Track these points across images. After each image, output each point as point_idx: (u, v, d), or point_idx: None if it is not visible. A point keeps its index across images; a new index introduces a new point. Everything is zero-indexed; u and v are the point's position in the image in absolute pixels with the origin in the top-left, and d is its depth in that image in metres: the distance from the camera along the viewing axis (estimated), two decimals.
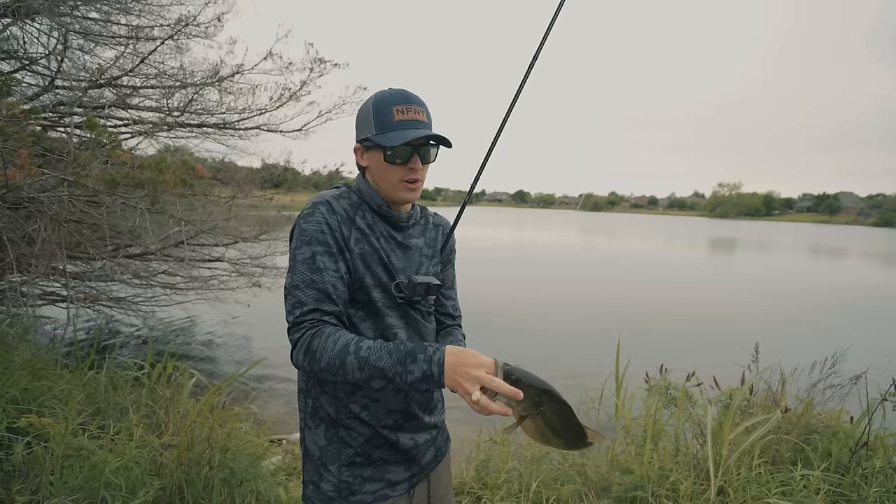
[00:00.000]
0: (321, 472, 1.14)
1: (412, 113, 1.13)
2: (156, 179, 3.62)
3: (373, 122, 1.13)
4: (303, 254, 1.08)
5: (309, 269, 1.07)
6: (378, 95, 1.15)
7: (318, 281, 1.07)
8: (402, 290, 1.17)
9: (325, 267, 1.08)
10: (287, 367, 6.23)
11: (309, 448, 1.18)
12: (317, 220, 1.10)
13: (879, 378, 2.48)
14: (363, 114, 1.17)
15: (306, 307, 1.05)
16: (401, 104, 1.13)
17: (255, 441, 2.81)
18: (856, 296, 13.84)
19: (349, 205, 1.16)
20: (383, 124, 1.12)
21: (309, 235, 1.09)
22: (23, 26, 4.11)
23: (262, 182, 7.23)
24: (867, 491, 2.13)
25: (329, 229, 1.10)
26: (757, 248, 33.75)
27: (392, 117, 1.12)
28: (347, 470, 1.13)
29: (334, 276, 1.08)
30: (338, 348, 1.00)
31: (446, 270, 1.34)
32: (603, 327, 8.91)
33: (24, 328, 3.39)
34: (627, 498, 2.33)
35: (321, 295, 1.06)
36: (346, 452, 1.14)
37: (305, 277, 1.07)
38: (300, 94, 5.38)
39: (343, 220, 1.13)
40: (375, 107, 1.14)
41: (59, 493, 1.90)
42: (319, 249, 1.08)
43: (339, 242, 1.11)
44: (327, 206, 1.12)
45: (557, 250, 23.66)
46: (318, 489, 1.14)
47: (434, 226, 1.33)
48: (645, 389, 3.04)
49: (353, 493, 1.13)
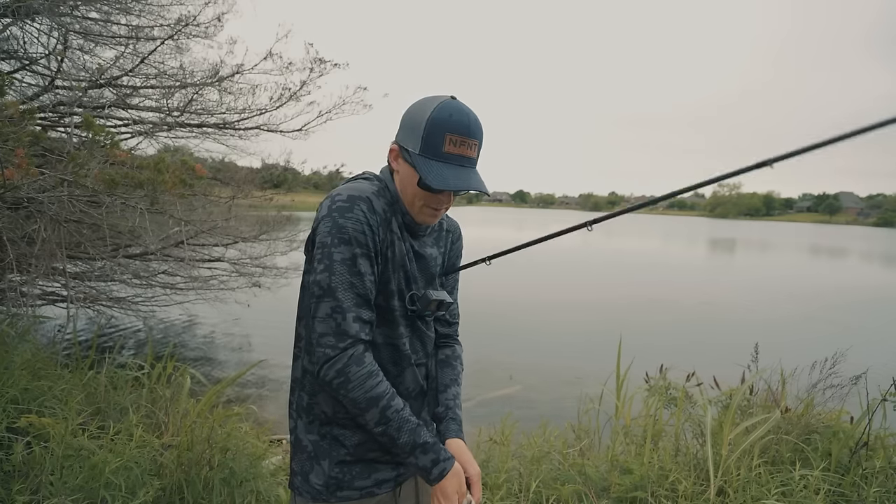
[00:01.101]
0: (312, 464, 1.14)
1: (464, 148, 1.05)
2: (155, 179, 3.61)
3: (421, 139, 1.05)
4: (341, 253, 1.02)
5: (349, 271, 1.03)
6: (436, 113, 1.04)
7: (357, 285, 1.03)
8: (414, 303, 1.17)
9: (364, 271, 1.04)
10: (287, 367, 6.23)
11: (301, 439, 1.16)
12: (357, 218, 1.03)
13: (879, 378, 2.48)
14: (413, 122, 1.07)
15: (348, 316, 1.02)
16: (456, 135, 1.04)
17: (255, 441, 2.81)
18: (856, 296, 13.84)
19: (387, 204, 1.11)
20: (431, 149, 1.04)
21: (349, 235, 1.03)
22: (23, 26, 4.11)
23: (262, 182, 7.23)
24: (867, 491, 2.13)
25: (371, 231, 1.04)
26: (757, 248, 33.76)
27: (443, 147, 1.04)
28: (338, 467, 1.13)
29: (371, 281, 1.06)
30: (369, 396, 1.02)
31: (450, 278, 1.33)
32: (603, 327, 8.91)
33: (24, 328, 3.39)
34: (627, 498, 2.33)
35: (360, 300, 1.04)
36: (339, 451, 1.13)
37: (345, 280, 1.02)
38: (300, 94, 5.38)
39: (382, 221, 1.08)
40: (429, 127, 1.04)
41: (59, 493, 1.90)
42: (359, 252, 1.03)
43: (376, 246, 1.06)
44: (368, 203, 1.05)
45: (558, 250, 23.65)
46: (307, 481, 1.14)
47: (447, 231, 1.31)
48: (645, 389, 3.04)
49: (341, 488, 1.13)
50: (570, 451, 2.90)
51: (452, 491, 1.06)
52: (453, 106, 1.05)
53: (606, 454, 2.77)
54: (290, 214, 7.81)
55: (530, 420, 3.89)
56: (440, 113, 1.04)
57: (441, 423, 1.23)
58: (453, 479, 1.06)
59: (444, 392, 1.27)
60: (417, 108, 1.08)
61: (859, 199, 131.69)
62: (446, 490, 1.06)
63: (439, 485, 1.06)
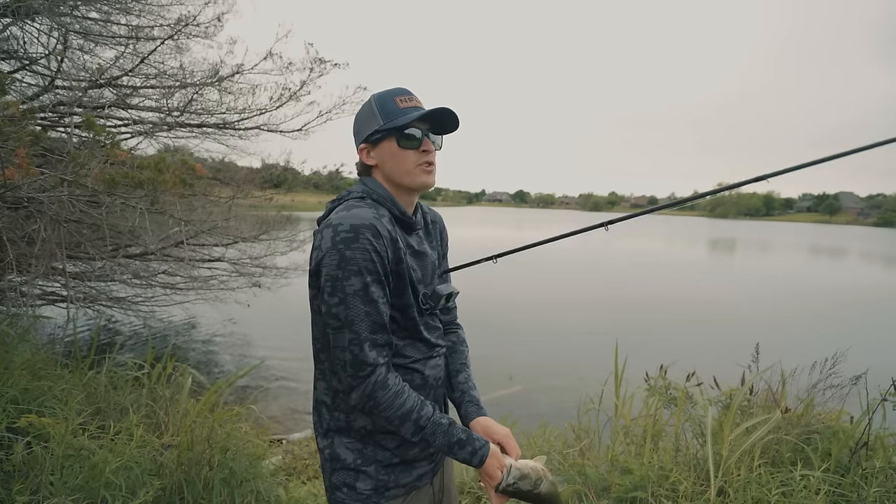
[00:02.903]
0: (357, 474, 1.17)
1: (414, 101, 1.18)
2: (155, 179, 3.61)
3: (378, 114, 1.16)
4: (353, 285, 1.04)
5: (363, 301, 1.05)
6: (377, 94, 1.20)
7: (372, 313, 1.07)
8: (427, 302, 1.22)
9: (377, 297, 1.07)
10: (287, 368, 6.25)
11: (339, 454, 1.18)
12: (363, 247, 1.05)
13: (879, 378, 2.47)
14: (365, 113, 1.20)
15: (364, 346, 1.06)
16: (402, 95, 1.18)
17: (255, 441, 2.81)
18: (856, 296, 13.84)
19: (390, 223, 1.13)
20: (390, 113, 1.15)
21: (358, 265, 1.04)
22: (23, 26, 4.11)
23: (262, 182, 7.23)
24: (867, 491, 2.13)
25: (379, 257, 1.06)
26: (757, 248, 33.76)
27: (397, 106, 1.16)
28: (384, 470, 1.18)
29: (384, 304, 1.10)
30: (401, 413, 1.09)
31: (442, 267, 1.38)
32: (603, 327, 8.91)
33: (24, 328, 3.38)
34: (627, 498, 2.33)
35: (376, 327, 1.08)
36: (384, 454, 1.18)
37: (360, 311, 1.05)
38: (300, 94, 5.38)
39: (389, 242, 1.10)
40: (379, 101, 1.17)
41: (59, 493, 1.90)
42: (370, 280, 1.06)
43: (386, 268, 1.09)
44: (372, 230, 1.06)
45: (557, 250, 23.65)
46: (354, 490, 1.17)
47: (432, 223, 1.35)
48: (645, 389, 3.04)
49: (389, 488, 1.19)
50: (570, 451, 2.90)
51: (494, 469, 1.14)
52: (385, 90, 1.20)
53: (606, 454, 2.76)
54: (290, 214, 7.81)
55: (530, 420, 3.89)
56: (380, 93, 1.19)
57: (461, 407, 1.31)
58: (492, 461, 1.14)
59: (456, 377, 1.34)
60: (361, 108, 1.22)
61: (859, 199, 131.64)
62: (489, 471, 1.14)
63: (482, 469, 1.15)
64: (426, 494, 1.27)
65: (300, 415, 4.87)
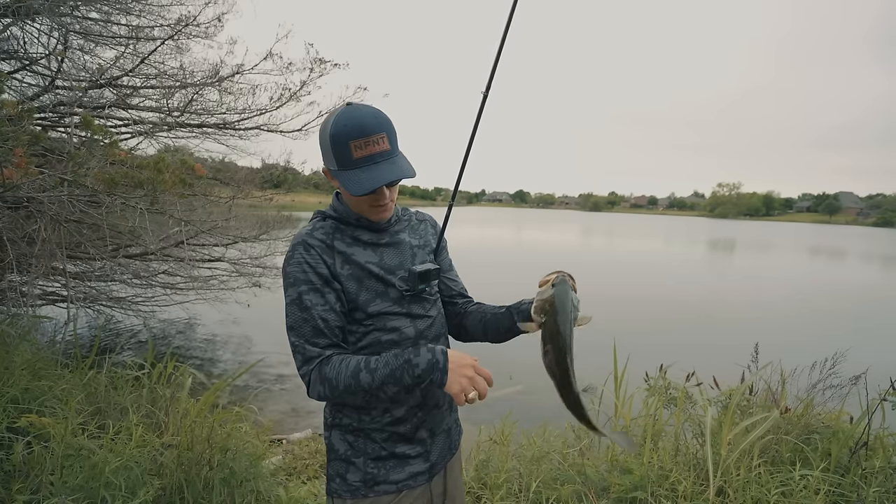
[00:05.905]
0: (348, 465, 1.23)
1: (371, 146, 1.09)
2: (155, 179, 3.62)
3: (332, 157, 1.12)
4: (290, 296, 1.16)
5: (298, 308, 1.14)
6: (333, 129, 1.10)
7: (308, 319, 1.14)
8: (406, 283, 1.23)
9: (312, 304, 1.14)
10: (287, 367, 6.24)
11: (335, 445, 1.26)
12: (297, 261, 1.16)
13: (879, 378, 2.47)
14: (323, 144, 1.14)
15: (306, 346, 1.14)
16: (358, 138, 1.08)
17: (255, 441, 2.81)
18: (856, 296, 13.84)
19: (324, 234, 1.20)
20: (344, 162, 1.11)
21: (293, 277, 1.15)
22: (23, 26, 4.11)
23: (262, 182, 7.24)
24: (867, 491, 2.13)
25: (310, 267, 1.15)
26: (757, 248, 33.75)
27: (351, 155, 1.09)
28: (373, 463, 1.22)
29: (323, 309, 1.15)
30: (350, 370, 1.10)
31: (442, 256, 1.41)
32: (602, 327, 8.90)
33: (24, 328, 3.38)
34: (627, 498, 2.33)
35: (313, 331, 1.14)
36: (372, 447, 1.22)
37: (297, 317, 1.14)
38: (300, 94, 5.39)
39: (322, 250, 1.17)
40: (333, 144, 1.10)
41: (59, 492, 1.90)
42: (304, 289, 1.14)
43: (324, 275, 1.16)
44: (303, 244, 1.17)
45: (558, 249, 23.66)
46: (345, 481, 1.22)
47: (418, 221, 1.40)
48: (644, 389, 3.04)
49: (378, 482, 1.21)
50: (569, 451, 2.90)
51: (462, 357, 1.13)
52: (346, 115, 1.10)
53: (606, 454, 2.77)
54: (290, 214, 7.81)
55: (530, 420, 3.89)
56: (336, 127, 1.10)
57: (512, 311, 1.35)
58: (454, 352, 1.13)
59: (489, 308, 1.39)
60: (322, 129, 1.16)
61: (859, 199, 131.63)
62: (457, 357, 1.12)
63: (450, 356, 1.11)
64: (422, 496, 1.26)
65: (300, 415, 4.86)
